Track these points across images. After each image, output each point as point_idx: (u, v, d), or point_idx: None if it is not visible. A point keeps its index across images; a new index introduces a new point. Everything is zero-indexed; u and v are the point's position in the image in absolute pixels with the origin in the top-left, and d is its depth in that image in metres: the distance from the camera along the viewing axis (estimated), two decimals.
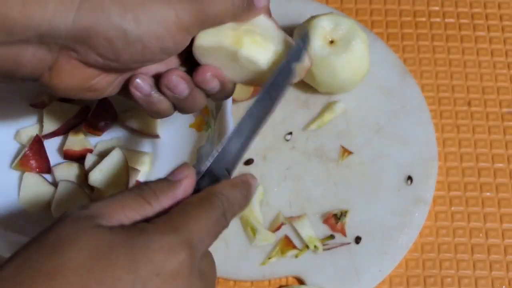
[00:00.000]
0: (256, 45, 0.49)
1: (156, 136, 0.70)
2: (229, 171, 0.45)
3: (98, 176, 0.64)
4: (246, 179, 0.44)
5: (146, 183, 0.41)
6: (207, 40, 0.49)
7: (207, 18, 0.46)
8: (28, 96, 0.70)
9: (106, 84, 0.49)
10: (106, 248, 0.36)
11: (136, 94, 0.49)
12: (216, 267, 0.41)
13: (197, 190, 0.43)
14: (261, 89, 0.48)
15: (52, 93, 0.50)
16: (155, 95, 0.49)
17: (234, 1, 0.47)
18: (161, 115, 0.51)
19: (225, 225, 0.42)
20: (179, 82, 0.48)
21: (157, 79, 0.49)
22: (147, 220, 0.39)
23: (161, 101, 0.49)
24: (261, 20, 0.50)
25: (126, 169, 0.66)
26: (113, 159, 0.65)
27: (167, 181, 0.41)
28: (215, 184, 0.43)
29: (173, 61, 0.51)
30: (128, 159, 0.66)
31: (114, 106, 0.69)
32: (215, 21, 0.47)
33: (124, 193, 0.40)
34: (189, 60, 0.51)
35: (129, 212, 0.39)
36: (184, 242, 0.37)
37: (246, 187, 0.44)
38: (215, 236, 0.41)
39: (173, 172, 0.42)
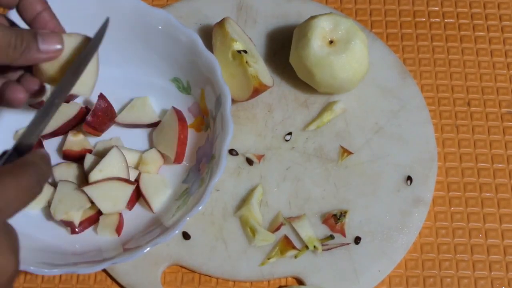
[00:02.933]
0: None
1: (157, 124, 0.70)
2: (30, 148, 0.48)
3: (98, 176, 0.64)
4: (43, 152, 0.47)
5: None
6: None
7: None
8: None
9: None
10: None
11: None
12: (17, 236, 0.43)
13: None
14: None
15: None
16: None
17: (10, 39, 0.50)
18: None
19: (38, 192, 0.44)
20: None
21: None
22: None
23: None
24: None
25: (125, 168, 0.66)
26: (112, 158, 0.65)
27: None
28: (25, 156, 0.45)
29: None
30: (127, 159, 0.66)
31: (113, 106, 0.69)
32: None
33: None
34: None
35: None
36: None
37: (48, 159, 0.46)
38: (26, 201, 0.43)
39: None
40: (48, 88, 0.57)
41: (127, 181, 0.65)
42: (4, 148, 0.67)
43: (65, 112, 0.69)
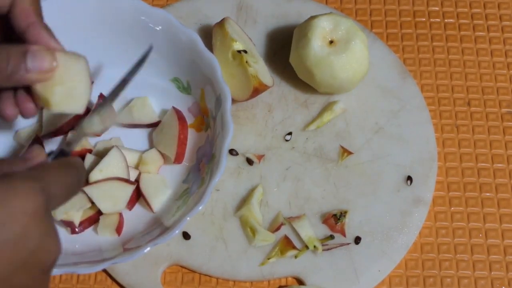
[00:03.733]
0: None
1: (157, 124, 0.70)
2: (70, 154, 0.52)
3: (98, 176, 0.64)
4: (80, 159, 0.50)
5: (1, 159, 0.47)
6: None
7: None
8: None
9: None
10: None
11: None
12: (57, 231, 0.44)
13: None
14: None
15: None
16: None
17: None
18: None
19: (77, 192, 0.47)
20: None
21: None
22: None
23: None
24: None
25: (125, 168, 0.66)
26: (112, 158, 0.65)
27: (21, 158, 0.47)
28: (69, 157, 0.50)
29: None
30: (127, 159, 0.66)
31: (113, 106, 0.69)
32: None
33: None
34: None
35: None
36: (41, 189, 0.41)
37: (83, 165, 0.50)
38: (69, 194, 0.46)
39: (26, 151, 0.47)
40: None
41: (127, 181, 0.65)
42: (5, 148, 0.68)
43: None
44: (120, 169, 0.65)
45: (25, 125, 0.70)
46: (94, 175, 0.64)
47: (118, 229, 0.64)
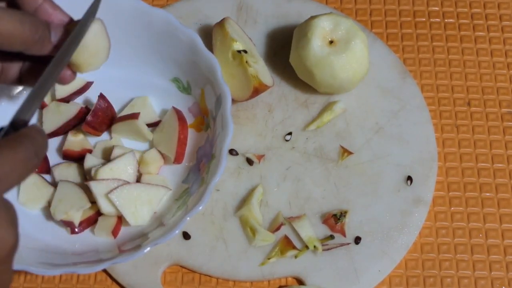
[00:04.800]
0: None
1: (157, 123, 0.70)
2: (25, 124, 0.47)
3: (108, 174, 0.64)
4: (38, 126, 0.46)
5: None
6: None
7: None
8: None
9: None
10: None
11: None
12: (15, 210, 0.41)
13: None
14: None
15: None
16: None
17: (25, 26, 0.49)
18: None
19: (36, 164, 0.44)
20: None
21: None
22: None
23: None
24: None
25: (134, 174, 0.66)
26: (125, 161, 0.65)
27: None
28: (21, 129, 0.45)
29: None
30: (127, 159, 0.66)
31: (113, 106, 0.69)
32: (3, 43, 0.49)
33: None
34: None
35: None
36: None
37: (43, 133, 0.46)
38: (24, 173, 0.43)
39: None
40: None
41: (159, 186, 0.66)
42: None
43: (65, 112, 0.69)
44: (128, 174, 0.65)
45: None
46: (104, 173, 0.64)
47: (114, 232, 0.64)
